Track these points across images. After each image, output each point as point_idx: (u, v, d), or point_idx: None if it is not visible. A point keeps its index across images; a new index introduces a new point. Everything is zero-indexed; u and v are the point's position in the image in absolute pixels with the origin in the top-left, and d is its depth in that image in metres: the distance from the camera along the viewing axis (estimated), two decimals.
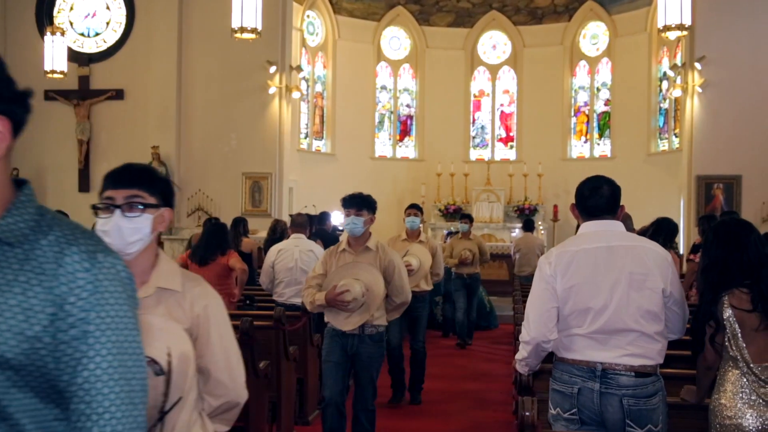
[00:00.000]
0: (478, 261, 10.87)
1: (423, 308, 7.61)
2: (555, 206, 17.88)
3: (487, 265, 11.97)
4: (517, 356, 3.69)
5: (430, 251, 7.47)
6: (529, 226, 12.12)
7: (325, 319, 5.23)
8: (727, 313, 3.37)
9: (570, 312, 3.42)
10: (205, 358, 2.37)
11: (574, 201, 3.66)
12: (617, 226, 3.55)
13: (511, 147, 20.06)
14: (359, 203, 5.14)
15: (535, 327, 3.46)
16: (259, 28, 12.57)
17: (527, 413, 3.80)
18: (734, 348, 3.35)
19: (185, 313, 2.36)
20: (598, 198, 3.54)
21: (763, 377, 3.30)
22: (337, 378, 5.18)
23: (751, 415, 3.29)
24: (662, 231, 6.61)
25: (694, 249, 7.71)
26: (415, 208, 7.81)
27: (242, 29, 12.41)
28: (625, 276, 3.39)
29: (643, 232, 6.15)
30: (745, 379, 3.32)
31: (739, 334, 3.34)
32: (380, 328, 5.21)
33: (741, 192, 14.51)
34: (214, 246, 6.79)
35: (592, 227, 3.53)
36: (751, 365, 3.31)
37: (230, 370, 2.44)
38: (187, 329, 2.32)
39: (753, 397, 3.30)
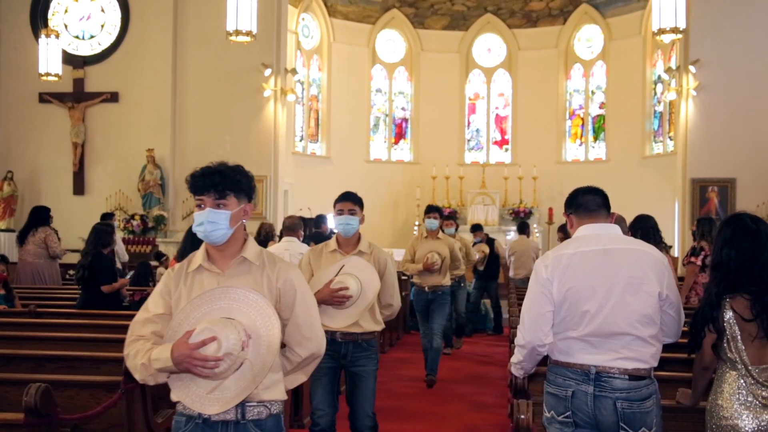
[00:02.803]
0: (448, 269, 8.56)
1: (369, 363, 4.88)
2: (550, 209, 17.89)
3: (461, 271, 9.70)
4: (513, 359, 3.69)
5: (377, 269, 4.80)
6: (524, 229, 12.14)
7: (173, 396, 2.87)
8: (728, 315, 3.36)
9: (566, 315, 3.42)
10: None
11: (566, 211, 3.70)
12: (614, 229, 3.57)
13: (506, 150, 20.08)
14: (221, 186, 2.97)
15: (531, 330, 3.46)
16: (254, 31, 12.57)
17: (522, 416, 3.80)
18: (733, 350, 3.35)
19: None
20: (594, 195, 3.61)
21: (761, 379, 3.30)
22: None
23: (747, 416, 3.29)
24: (650, 233, 6.61)
25: (693, 252, 7.65)
26: (350, 201, 4.88)
27: (237, 32, 12.41)
28: (621, 279, 3.39)
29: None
30: (742, 381, 3.32)
31: (739, 337, 3.34)
32: (274, 407, 2.95)
33: (735, 195, 14.54)
34: (198, 248, 6.78)
35: (588, 230, 3.54)
36: (750, 367, 3.31)
37: None
38: None
39: (750, 399, 3.30)
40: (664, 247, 6.82)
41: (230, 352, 2.70)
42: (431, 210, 8.67)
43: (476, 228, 12.36)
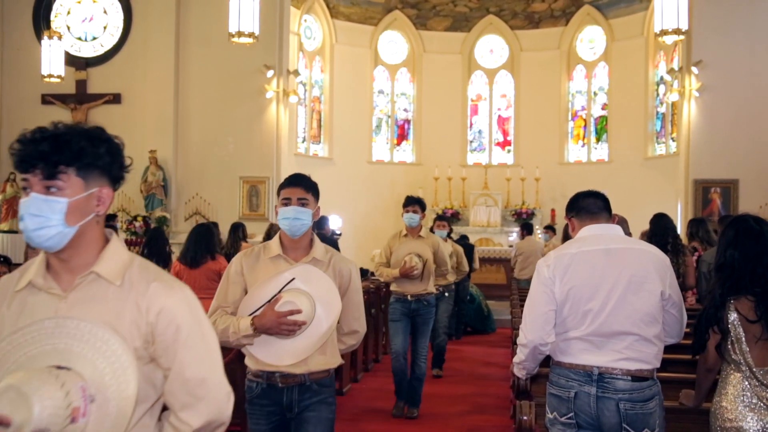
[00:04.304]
0: (432, 274, 7.11)
1: (322, 408, 3.46)
2: (552, 210, 17.88)
3: (441, 276, 7.75)
4: (515, 359, 3.69)
5: (337, 283, 3.47)
6: (530, 230, 12.17)
7: None
8: (732, 316, 3.36)
9: (568, 314, 3.43)
10: None
11: (567, 214, 3.73)
12: (616, 229, 3.58)
13: (509, 151, 20.06)
14: (54, 157, 1.92)
15: (533, 329, 3.47)
16: (257, 32, 12.57)
17: (525, 417, 3.80)
18: (737, 352, 3.34)
19: None
20: (595, 197, 3.64)
21: (765, 381, 3.29)
22: None
23: (752, 419, 3.28)
24: (662, 233, 6.65)
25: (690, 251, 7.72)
26: (300, 186, 3.59)
27: (240, 33, 12.41)
28: (623, 278, 3.40)
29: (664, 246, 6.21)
30: (747, 383, 3.32)
31: (743, 339, 3.33)
32: None
33: (738, 196, 14.53)
34: (203, 249, 6.82)
35: (590, 230, 3.56)
36: (754, 369, 3.31)
37: None
38: None
39: (754, 401, 3.30)
40: (682, 250, 6.83)
41: (43, 428, 1.68)
42: (411, 202, 7.05)
43: (440, 218, 9.63)
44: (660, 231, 6.72)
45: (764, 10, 14.66)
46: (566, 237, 7.25)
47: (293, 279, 3.30)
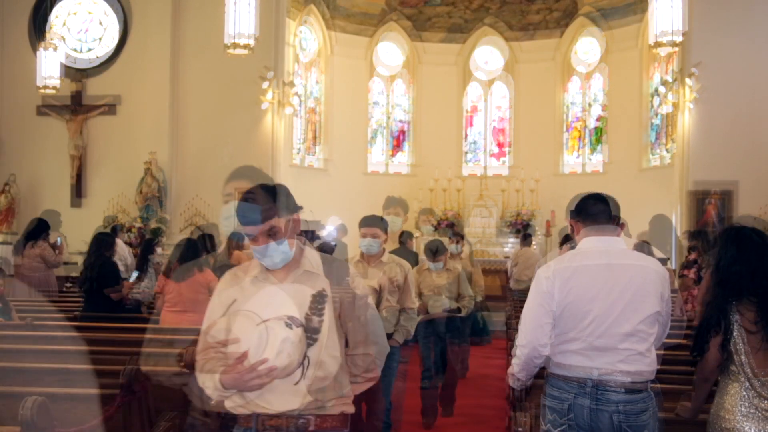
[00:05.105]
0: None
1: None
2: (552, 212, 17.81)
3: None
4: (510, 370, 3.68)
5: (333, 296, 2.78)
6: (530, 238, 12.20)
7: None
8: (735, 317, 3.38)
9: (564, 326, 3.43)
10: None
11: (569, 216, 3.71)
12: (618, 243, 3.56)
13: (503, 162, 20.05)
14: None
15: (529, 337, 3.46)
16: (252, 43, 12.56)
17: (520, 429, 3.80)
18: (737, 361, 3.35)
19: None
20: (597, 201, 3.61)
21: (764, 393, 3.30)
22: None
23: (749, 427, 3.29)
24: (667, 232, 6.67)
25: (687, 265, 7.69)
26: (245, 179, 2.37)
27: (235, 45, 12.40)
28: (621, 293, 3.40)
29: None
30: (744, 392, 3.32)
31: (743, 347, 3.34)
32: None
33: (737, 202, 14.51)
34: (189, 261, 6.71)
35: (593, 243, 3.53)
36: (753, 378, 3.31)
37: None
38: None
39: (752, 410, 3.30)
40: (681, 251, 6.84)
41: None
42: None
43: (425, 212, 8.79)
44: (659, 231, 6.72)
45: (763, 14, 14.68)
46: (566, 238, 6.71)
47: (235, 300, 2.64)
